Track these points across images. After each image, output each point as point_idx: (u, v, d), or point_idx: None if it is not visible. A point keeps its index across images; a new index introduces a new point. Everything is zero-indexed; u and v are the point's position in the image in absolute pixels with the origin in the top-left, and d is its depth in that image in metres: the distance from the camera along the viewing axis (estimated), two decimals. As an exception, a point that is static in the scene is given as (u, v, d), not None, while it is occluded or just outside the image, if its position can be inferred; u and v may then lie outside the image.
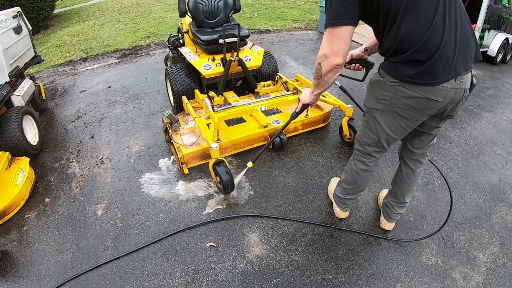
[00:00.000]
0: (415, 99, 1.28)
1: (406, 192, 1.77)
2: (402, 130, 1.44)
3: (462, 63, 1.24)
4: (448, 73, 1.22)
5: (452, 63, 1.21)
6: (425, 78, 1.22)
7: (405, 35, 1.19)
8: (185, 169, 2.30)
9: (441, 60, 1.19)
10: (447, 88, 1.25)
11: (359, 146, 1.65)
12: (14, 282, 1.67)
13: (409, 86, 1.27)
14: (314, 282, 1.64)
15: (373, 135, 1.52)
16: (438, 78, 1.22)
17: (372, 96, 1.44)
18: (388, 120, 1.42)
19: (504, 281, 1.70)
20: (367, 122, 1.53)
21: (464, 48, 1.23)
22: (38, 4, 6.80)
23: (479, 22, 4.63)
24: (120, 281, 1.65)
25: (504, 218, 2.09)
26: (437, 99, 1.27)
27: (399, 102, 1.32)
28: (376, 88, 1.40)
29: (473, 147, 2.80)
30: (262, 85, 3.10)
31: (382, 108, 1.40)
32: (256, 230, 1.92)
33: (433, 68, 1.20)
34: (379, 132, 1.49)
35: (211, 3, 3.12)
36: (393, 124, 1.42)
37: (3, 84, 2.55)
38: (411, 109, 1.33)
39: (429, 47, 1.18)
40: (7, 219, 2.03)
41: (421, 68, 1.21)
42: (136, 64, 4.69)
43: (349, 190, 1.83)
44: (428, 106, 1.30)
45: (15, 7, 3.05)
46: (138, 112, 3.26)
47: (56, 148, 2.77)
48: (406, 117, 1.36)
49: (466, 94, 1.34)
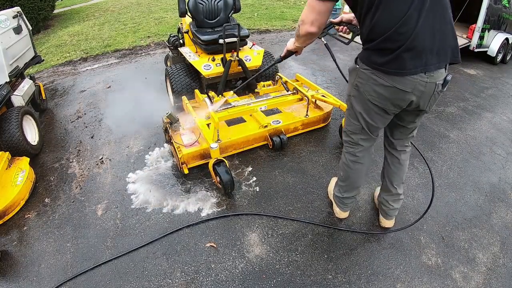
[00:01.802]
0: (384, 88, 1.33)
1: (395, 181, 1.77)
2: (380, 118, 1.48)
3: (435, 59, 1.27)
4: (416, 66, 1.25)
5: (422, 56, 1.24)
6: (393, 67, 1.27)
7: (376, 23, 1.24)
8: (185, 169, 2.30)
9: (410, 52, 1.22)
10: (416, 80, 1.28)
11: (346, 137, 1.69)
12: (14, 282, 1.67)
13: (379, 74, 1.32)
14: (314, 282, 1.64)
15: (355, 121, 1.57)
16: (406, 69, 1.25)
17: (350, 83, 1.51)
18: (364, 107, 1.48)
19: (504, 281, 1.70)
20: (349, 110, 1.60)
21: (439, 45, 1.25)
22: (38, 4, 6.80)
23: (479, 22, 4.62)
24: (120, 281, 1.65)
25: (504, 218, 2.09)
26: (405, 89, 1.31)
27: (371, 90, 1.38)
28: (353, 75, 1.47)
29: (473, 147, 2.80)
30: (262, 85, 3.10)
31: (357, 95, 1.47)
32: (256, 230, 1.92)
33: (401, 59, 1.24)
34: (359, 118, 1.53)
35: (211, 3, 3.12)
36: (369, 111, 1.47)
37: (3, 84, 2.55)
38: (382, 98, 1.38)
39: (398, 38, 1.21)
40: (7, 219, 2.03)
41: (389, 57, 1.26)
42: (136, 64, 4.69)
43: (345, 187, 1.84)
44: (398, 96, 1.34)
45: (15, 7, 3.05)
46: (138, 112, 3.25)
47: (56, 148, 2.77)
48: (378, 105, 1.41)
49: (438, 89, 1.35)
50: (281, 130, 2.61)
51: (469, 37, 4.83)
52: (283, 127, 2.63)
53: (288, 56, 1.95)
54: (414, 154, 2.63)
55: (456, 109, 3.46)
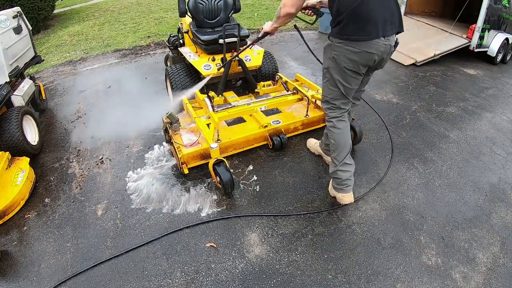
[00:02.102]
0: (356, 54, 1.70)
1: None
2: (354, 80, 1.84)
3: (389, 28, 1.70)
4: (377, 33, 1.66)
5: (378, 25, 1.65)
6: (361, 35, 1.66)
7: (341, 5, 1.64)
8: (185, 169, 2.30)
9: (371, 22, 1.64)
10: (378, 43, 1.69)
11: (328, 105, 1.98)
12: (14, 282, 1.67)
13: (351, 43, 1.69)
14: (314, 282, 1.64)
15: (335, 88, 1.88)
16: (371, 35, 1.66)
17: (326, 57, 1.85)
18: (341, 74, 1.81)
19: (504, 281, 1.70)
20: (328, 81, 1.91)
21: (390, 18, 1.70)
22: (38, 4, 6.79)
23: (479, 22, 4.62)
24: (120, 281, 1.65)
25: (504, 218, 2.09)
26: (371, 51, 1.70)
27: (345, 58, 1.73)
28: (328, 50, 1.81)
29: (473, 147, 2.80)
30: (262, 85, 3.10)
31: (335, 66, 1.80)
32: (256, 230, 1.92)
33: (365, 29, 1.65)
34: (338, 85, 1.86)
35: (211, 3, 3.12)
36: (346, 76, 1.81)
37: (3, 84, 2.55)
38: (355, 63, 1.74)
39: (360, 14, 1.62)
40: (7, 219, 2.03)
41: (356, 29, 1.65)
42: (136, 64, 4.69)
43: (339, 154, 1.99)
44: (367, 57, 1.72)
45: (15, 7, 3.05)
46: (138, 112, 3.25)
47: (56, 148, 2.77)
48: (352, 69, 1.77)
49: (391, 50, 1.80)
50: (281, 130, 2.61)
51: (469, 37, 4.83)
52: (283, 127, 2.63)
53: (264, 37, 2.19)
54: (414, 154, 2.63)
55: (456, 109, 3.46)
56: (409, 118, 3.20)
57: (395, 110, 3.36)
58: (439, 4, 6.33)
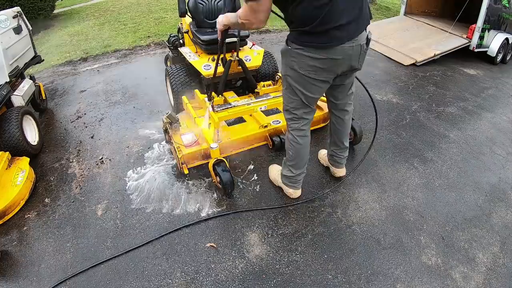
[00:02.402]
0: (318, 60, 1.52)
1: (342, 137, 2.04)
2: (317, 88, 1.66)
3: (356, 27, 1.49)
4: (343, 37, 1.47)
5: (346, 29, 1.46)
6: (324, 42, 1.47)
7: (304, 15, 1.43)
8: (185, 169, 2.30)
9: (337, 28, 1.43)
10: (344, 48, 1.50)
11: (290, 115, 1.81)
12: (14, 282, 1.67)
13: (311, 50, 1.50)
14: (314, 282, 1.64)
15: (295, 97, 1.71)
16: (334, 41, 1.47)
17: (284, 64, 1.67)
18: (301, 82, 1.63)
19: (504, 281, 1.70)
20: (286, 89, 1.74)
21: (358, 15, 1.48)
22: (38, 4, 6.80)
23: (479, 22, 4.63)
24: (120, 281, 1.65)
25: (504, 218, 2.09)
26: (337, 57, 1.51)
27: (305, 65, 1.55)
28: (286, 56, 1.64)
29: (473, 147, 2.80)
30: (262, 85, 3.09)
31: (293, 74, 1.62)
32: (256, 230, 1.92)
33: (329, 35, 1.45)
34: (298, 93, 1.68)
35: (211, 3, 3.12)
36: (306, 84, 1.63)
37: (3, 84, 2.55)
38: (317, 70, 1.55)
39: (326, 21, 1.41)
40: (7, 219, 2.03)
41: (319, 35, 1.45)
42: (136, 64, 4.69)
43: (296, 165, 1.93)
44: (333, 64, 1.54)
45: (15, 7, 3.04)
46: (138, 112, 3.26)
47: (56, 148, 2.77)
48: (314, 77, 1.58)
49: (364, 49, 1.59)
50: (281, 130, 2.61)
51: (469, 37, 4.83)
52: (283, 127, 2.62)
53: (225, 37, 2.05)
54: (414, 155, 2.63)
55: (456, 109, 3.46)
56: (409, 118, 3.20)
57: (395, 110, 3.36)
58: (439, 4, 6.33)
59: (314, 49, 1.49)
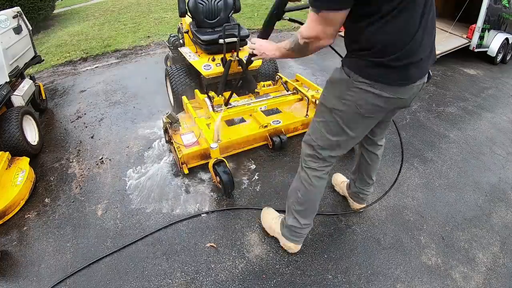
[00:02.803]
0: (384, 99, 1.23)
1: (373, 173, 1.84)
2: (366, 129, 1.41)
3: (428, 65, 1.27)
4: (418, 75, 1.24)
5: (423, 65, 1.23)
6: (399, 79, 1.20)
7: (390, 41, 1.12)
8: (185, 169, 2.30)
9: (415, 64, 1.19)
10: (413, 87, 1.25)
11: (311, 151, 1.48)
12: (14, 282, 1.67)
13: (379, 86, 1.20)
14: (314, 282, 1.64)
15: (333, 137, 1.38)
16: (411, 79, 1.22)
17: (334, 95, 1.33)
18: (352, 121, 1.33)
19: (504, 281, 1.70)
20: (326, 123, 1.38)
21: (430, 50, 1.24)
22: (38, 4, 6.79)
23: (479, 22, 4.62)
24: (120, 281, 1.65)
25: (504, 218, 2.09)
26: (405, 97, 1.27)
27: (366, 103, 1.25)
28: (340, 87, 1.29)
29: (473, 147, 2.80)
30: (262, 85, 3.09)
31: (346, 110, 1.30)
32: (256, 230, 1.92)
33: (407, 71, 1.19)
34: (340, 134, 1.37)
35: (211, 3, 3.12)
36: (358, 125, 1.35)
37: (3, 84, 2.55)
38: (378, 109, 1.28)
39: (408, 54, 1.15)
40: (7, 219, 2.03)
41: (395, 70, 1.18)
42: (136, 64, 4.69)
43: (305, 212, 1.60)
44: (396, 104, 1.30)
45: (15, 7, 3.04)
46: (138, 112, 3.26)
47: (56, 148, 2.77)
48: (371, 116, 1.31)
49: (424, 86, 1.37)
50: (281, 130, 2.61)
51: (469, 37, 4.83)
52: (283, 127, 2.62)
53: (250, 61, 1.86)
54: (414, 154, 2.63)
55: (456, 109, 3.46)
56: (409, 118, 3.20)
57: (395, 110, 3.35)
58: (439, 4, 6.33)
59: (386, 86, 1.20)
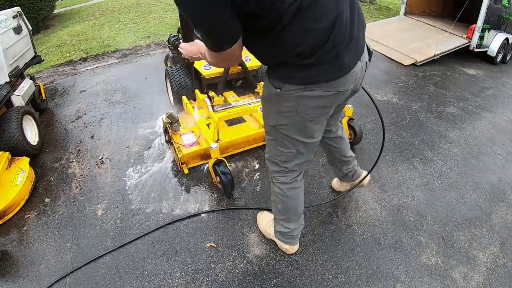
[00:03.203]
0: (326, 98, 1.13)
1: (347, 151, 1.84)
2: (320, 128, 1.30)
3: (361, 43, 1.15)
4: (354, 59, 1.11)
5: (356, 46, 1.09)
6: (333, 72, 1.07)
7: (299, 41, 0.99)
8: (185, 169, 2.30)
9: (348, 49, 1.05)
10: (355, 72, 1.13)
11: (276, 167, 1.44)
12: (14, 282, 1.67)
13: (317, 87, 1.08)
14: (314, 282, 1.64)
15: (288, 150, 1.33)
16: (345, 68, 1.08)
17: (273, 112, 1.24)
18: (301, 130, 1.24)
19: (504, 281, 1.70)
20: (276, 141, 1.33)
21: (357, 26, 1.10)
22: (38, 4, 6.78)
23: (479, 22, 4.62)
24: (120, 281, 1.65)
25: (504, 218, 2.09)
26: (348, 87, 1.16)
27: (307, 108, 1.15)
28: (274, 102, 1.20)
29: (473, 147, 2.80)
30: (262, 85, 3.09)
31: (290, 122, 1.21)
32: (256, 230, 1.92)
33: (339, 60, 1.05)
34: (295, 145, 1.30)
35: (211, 3, 3.12)
36: (308, 130, 1.25)
37: (3, 84, 2.55)
38: (322, 109, 1.18)
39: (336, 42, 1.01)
40: (7, 219, 2.03)
41: (326, 65, 1.05)
42: (136, 64, 4.69)
43: (288, 219, 1.60)
44: (340, 97, 1.18)
45: (15, 7, 3.04)
46: (138, 112, 3.26)
47: (56, 148, 2.77)
48: (318, 117, 1.21)
49: (367, 65, 1.25)
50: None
51: (469, 37, 4.83)
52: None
53: None
54: (414, 154, 2.63)
55: (456, 109, 3.46)
56: (409, 118, 3.20)
57: (395, 110, 3.36)
58: (439, 4, 6.33)
59: (323, 85, 1.08)
